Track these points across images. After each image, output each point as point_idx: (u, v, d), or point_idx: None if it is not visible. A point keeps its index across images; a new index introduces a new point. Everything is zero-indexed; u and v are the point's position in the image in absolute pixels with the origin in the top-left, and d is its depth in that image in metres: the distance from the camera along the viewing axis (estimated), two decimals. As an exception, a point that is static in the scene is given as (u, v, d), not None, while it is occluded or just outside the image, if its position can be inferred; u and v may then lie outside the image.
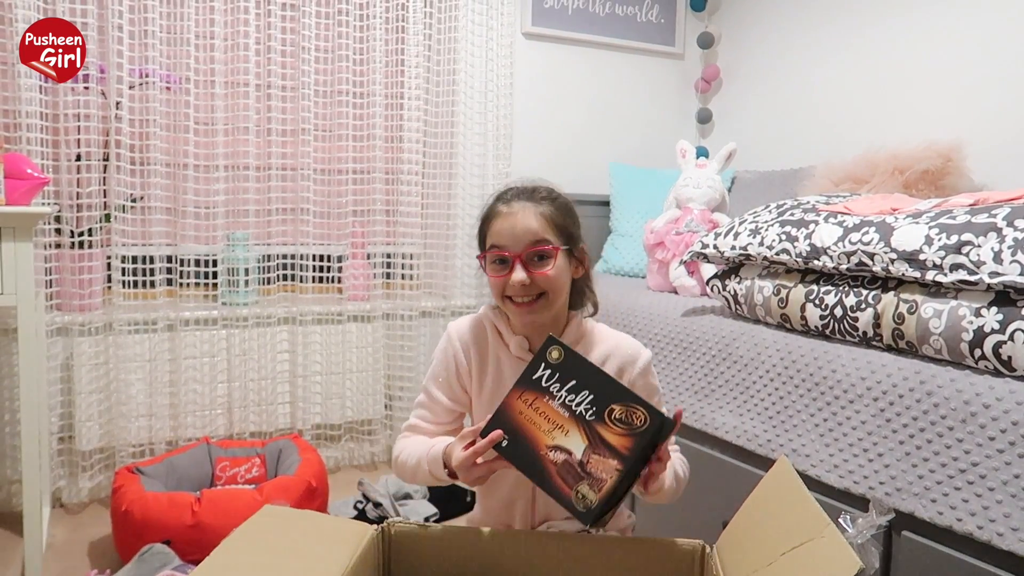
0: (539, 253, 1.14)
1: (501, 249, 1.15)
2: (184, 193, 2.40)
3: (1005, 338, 1.21)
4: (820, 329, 1.59)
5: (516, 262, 1.13)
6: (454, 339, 1.25)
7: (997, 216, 1.30)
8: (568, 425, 1.02)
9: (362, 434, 2.74)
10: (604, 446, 1.00)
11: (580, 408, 1.02)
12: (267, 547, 1.12)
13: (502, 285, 1.15)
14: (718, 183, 2.37)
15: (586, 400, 1.02)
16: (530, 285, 1.13)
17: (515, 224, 1.14)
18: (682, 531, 1.18)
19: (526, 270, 1.13)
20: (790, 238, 1.63)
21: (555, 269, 1.15)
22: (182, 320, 2.40)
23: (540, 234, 1.14)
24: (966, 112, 2.25)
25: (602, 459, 1.00)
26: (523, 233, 1.14)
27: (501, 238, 1.15)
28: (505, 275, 1.14)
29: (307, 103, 2.54)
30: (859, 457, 1.42)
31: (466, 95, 2.81)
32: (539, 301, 1.15)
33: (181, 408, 2.42)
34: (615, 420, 1.00)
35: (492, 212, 1.18)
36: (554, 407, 1.04)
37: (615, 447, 0.99)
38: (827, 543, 0.88)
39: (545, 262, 1.14)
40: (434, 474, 1.16)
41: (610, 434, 1.00)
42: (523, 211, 1.15)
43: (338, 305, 2.65)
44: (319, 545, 1.14)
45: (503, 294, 1.16)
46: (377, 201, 2.69)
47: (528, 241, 1.14)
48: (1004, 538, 1.17)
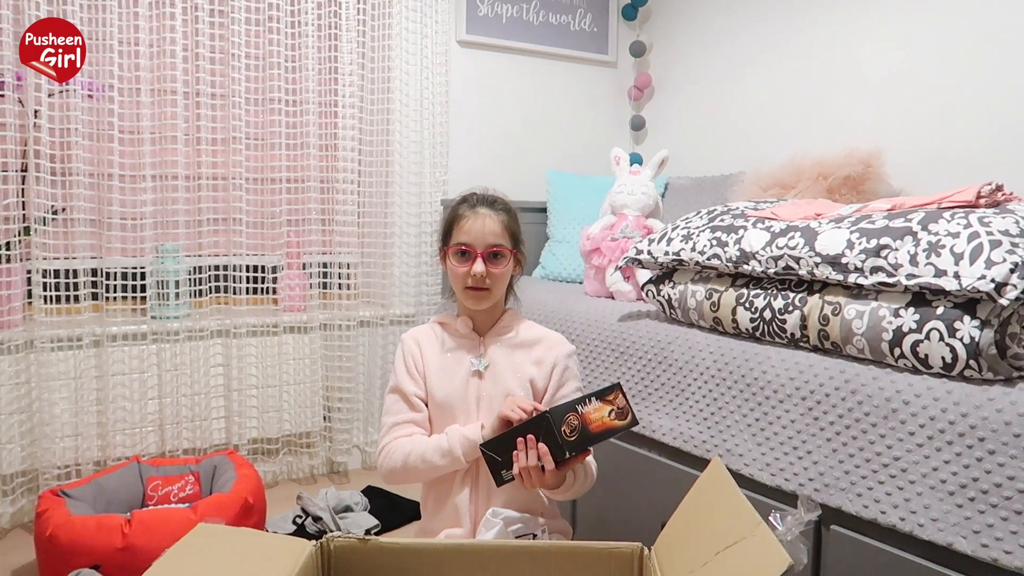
0: (496, 252, 1.40)
1: (468, 245, 1.39)
2: (109, 204, 2.33)
3: (922, 337, 1.27)
4: (751, 331, 1.63)
5: (478, 257, 1.38)
6: (410, 341, 1.48)
7: (912, 220, 1.36)
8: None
9: (300, 447, 2.70)
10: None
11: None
12: (201, 567, 1.09)
13: (464, 275, 1.39)
14: (652, 190, 2.41)
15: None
16: (484, 277, 1.38)
17: (481, 226, 1.39)
18: (622, 533, 1.21)
19: (485, 265, 1.38)
20: (720, 243, 1.68)
21: (505, 268, 1.42)
22: (109, 335, 2.32)
23: (499, 237, 1.40)
24: (885, 121, 2.35)
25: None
26: (487, 234, 1.39)
27: (468, 236, 1.39)
28: (467, 266, 1.39)
29: (238, 111, 2.49)
30: (789, 455, 1.47)
31: (401, 103, 2.80)
32: (485, 291, 1.41)
33: (109, 427, 2.33)
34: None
35: (459, 214, 1.42)
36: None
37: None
38: (758, 541, 0.91)
39: (499, 260, 1.40)
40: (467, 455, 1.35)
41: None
42: (488, 217, 1.40)
43: (274, 316, 2.60)
44: (256, 563, 1.11)
45: (463, 283, 1.40)
46: (312, 210, 2.66)
47: (489, 242, 1.39)
48: (925, 528, 1.22)
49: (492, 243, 1.39)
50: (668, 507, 1.15)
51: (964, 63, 2.15)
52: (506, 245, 1.41)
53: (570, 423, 1.22)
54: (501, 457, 1.25)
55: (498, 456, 1.25)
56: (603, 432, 1.25)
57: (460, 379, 1.43)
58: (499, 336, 1.46)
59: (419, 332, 1.50)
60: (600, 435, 1.25)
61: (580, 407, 1.23)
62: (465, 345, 1.46)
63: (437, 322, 1.50)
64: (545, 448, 1.21)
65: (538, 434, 1.21)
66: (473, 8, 2.99)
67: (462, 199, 1.46)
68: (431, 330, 1.50)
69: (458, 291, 1.44)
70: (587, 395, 1.26)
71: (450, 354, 1.45)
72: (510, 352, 1.45)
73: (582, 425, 1.23)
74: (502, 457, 1.25)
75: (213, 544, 1.16)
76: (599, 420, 1.25)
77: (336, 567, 1.19)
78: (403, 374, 1.45)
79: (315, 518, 2.16)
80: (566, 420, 1.21)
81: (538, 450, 1.20)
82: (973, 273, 1.20)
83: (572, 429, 1.21)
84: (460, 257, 1.40)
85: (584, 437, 1.23)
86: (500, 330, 1.47)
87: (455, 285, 1.44)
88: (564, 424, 1.21)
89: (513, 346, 1.46)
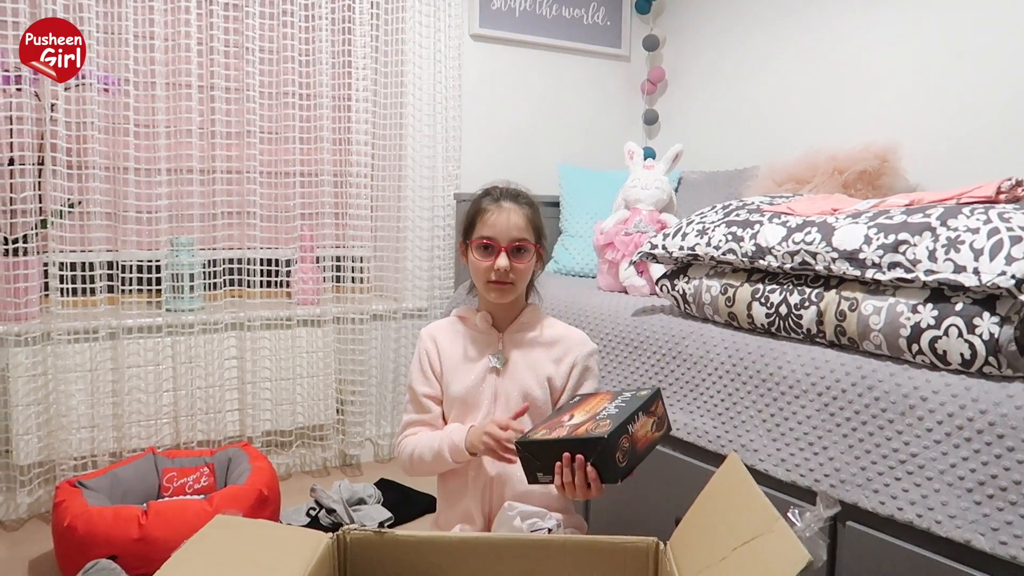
0: (520, 247, 1.38)
1: (491, 239, 1.37)
2: (125, 198, 2.34)
3: (940, 333, 1.27)
4: (766, 327, 1.63)
5: (502, 251, 1.36)
6: (426, 337, 1.47)
7: (931, 216, 1.35)
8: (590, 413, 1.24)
9: (314, 440, 2.71)
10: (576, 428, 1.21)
11: (607, 408, 1.23)
12: (219, 559, 1.09)
13: (488, 269, 1.37)
14: (665, 184, 2.41)
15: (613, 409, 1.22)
16: (508, 272, 1.36)
17: (506, 220, 1.37)
18: (636, 529, 1.20)
19: (509, 259, 1.36)
20: (736, 238, 1.67)
21: (529, 263, 1.40)
22: (124, 328, 2.34)
23: (523, 231, 1.38)
24: (901, 115, 2.34)
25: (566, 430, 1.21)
26: (511, 228, 1.37)
27: (492, 230, 1.37)
28: (491, 260, 1.37)
29: (252, 105, 2.49)
30: (805, 451, 1.46)
31: (415, 97, 2.80)
32: (509, 286, 1.38)
33: (125, 418, 2.35)
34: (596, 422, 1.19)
35: (482, 207, 1.40)
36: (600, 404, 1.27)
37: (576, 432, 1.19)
38: (776, 537, 0.91)
39: (523, 255, 1.39)
40: (454, 457, 1.34)
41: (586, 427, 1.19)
42: (512, 211, 1.38)
43: (287, 310, 2.61)
44: (273, 555, 1.12)
45: (486, 278, 1.38)
46: (326, 204, 2.66)
47: (514, 236, 1.37)
48: (942, 525, 1.22)
49: (516, 237, 1.37)
50: (682, 503, 1.15)
51: (980, 57, 2.12)
52: (530, 240, 1.39)
53: (623, 448, 1.15)
54: (540, 460, 1.20)
55: (537, 459, 1.20)
56: (647, 447, 1.21)
57: (477, 375, 1.42)
58: (519, 332, 1.45)
59: (437, 328, 1.49)
60: (645, 451, 1.20)
61: (631, 426, 1.17)
62: (484, 340, 1.45)
63: (457, 316, 1.49)
64: (595, 473, 1.14)
65: (589, 455, 1.14)
66: (486, 2, 2.98)
67: (485, 192, 1.44)
68: (450, 325, 1.49)
69: (480, 285, 1.42)
70: (635, 410, 1.19)
71: (468, 350, 1.44)
72: (529, 349, 1.44)
73: (631, 447, 1.17)
74: (541, 460, 1.20)
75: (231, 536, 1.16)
76: (644, 436, 1.20)
77: (352, 560, 1.20)
78: (416, 373, 1.46)
79: (328, 510, 2.17)
80: (619, 446, 1.14)
81: (587, 474, 1.15)
82: (993, 269, 1.19)
83: (624, 453, 1.15)
84: (483, 251, 1.38)
85: (633, 457, 1.17)
86: (520, 327, 1.45)
87: (477, 279, 1.42)
88: (618, 451, 1.14)
89: (533, 343, 1.44)
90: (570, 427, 1.20)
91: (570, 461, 1.15)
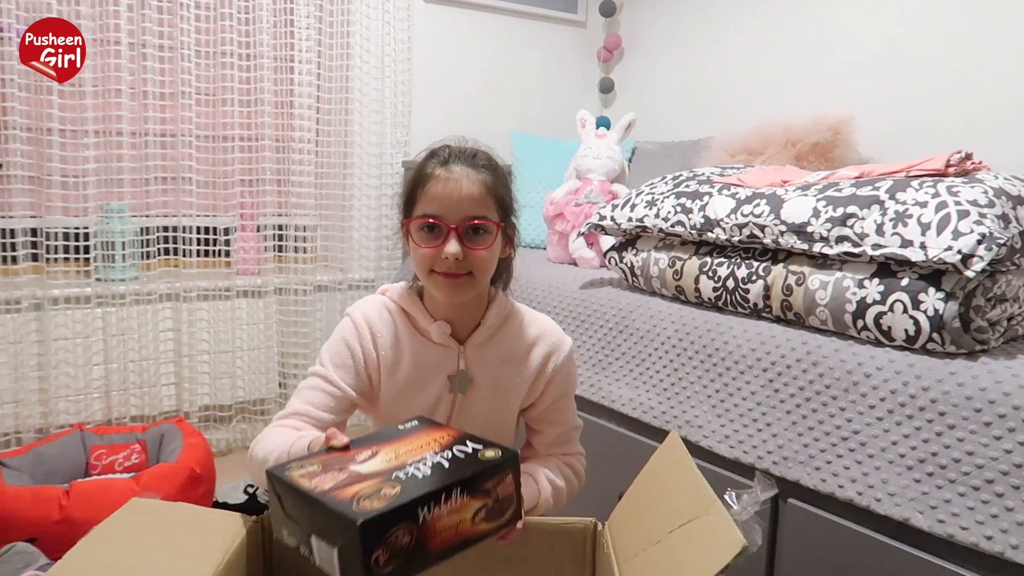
0: (477, 227, 1.03)
1: (436, 217, 1.02)
2: (49, 160, 2.20)
3: (885, 309, 1.24)
4: (713, 301, 1.60)
5: (451, 233, 1.01)
6: (362, 327, 1.11)
7: (880, 189, 1.32)
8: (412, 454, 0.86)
9: (255, 414, 2.63)
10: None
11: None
12: (130, 546, 1.03)
13: (432, 257, 1.03)
14: (618, 154, 2.36)
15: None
16: (462, 261, 1.02)
17: (454, 191, 1.02)
18: (582, 506, 1.17)
19: (461, 243, 1.02)
20: (685, 210, 1.63)
21: (491, 248, 1.05)
22: (50, 299, 2.21)
23: (480, 206, 1.03)
24: (856, 87, 2.31)
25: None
26: (463, 202, 1.02)
27: (437, 205, 1.02)
28: (437, 246, 1.02)
29: (187, 64, 2.36)
30: (748, 427, 1.44)
31: (361, 59, 2.69)
32: (465, 278, 1.04)
33: (52, 393, 2.24)
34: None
35: (426, 174, 1.05)
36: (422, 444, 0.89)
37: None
38: (713, 520, 0.87)
39: (481, 238, 1.03)
40: None
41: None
42: (465, 177, 1.03)
43: (226, 280, 2.51)
44: (190, 540, 1.06)
45: (430, 268, 1.04)
46: (267, 170, 2.55)
47: (467, 212, 1.02)
48: (882, 503, 1.20)
49: (471, 214, 1.02)
50: (627, 478, 1.11)
51: (935, 30, 2.10)
52: (490, 216, 1.04)
53: (391, 545, 0.73)
54: (287, 511, 0.84)
55: (283, 505, 0.85)
56: (460, 544, 0.80)
57: (429, 398, 1.12)
58: (484, 343, 1.12)
59: (375, 318, 1.12)
60: (455, 549, 0.80)
61: (426, 510, 0.76)
62: (440, 356, 1.11)
63: (399, 306, 1.13)
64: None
65: (334, 539, 0.74)
66: (437, -39, 2.87)
67: (430, 153, 1.08)
68: (392, 321, 1.12)
69: (424, 278, 1.07)
70: (448, 485, 0.78)
71: (419, 363, 1.11)
72: (496, 367, 1.13)
73: (416, 545, 0.75)
74: (288, 511, 0.84)
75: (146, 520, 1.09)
76: (457, 527, 0.79)
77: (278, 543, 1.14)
78: (341, 366, 1.10)
79: (268, 487, 2.10)
80: (384, 542, 0.73)
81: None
82: (940, 244, 1.17)
83: (393, 555, 0.73)
84: (427, 233, 1.03)
85: (417, 561, 0.76)
86: (486, 336, 1.12)
87: (420, 271, 1.07)
88: (380, 548, 0.72)
89: (501, 358, 1.13)
90: (347, 476, 0.80)
91: None
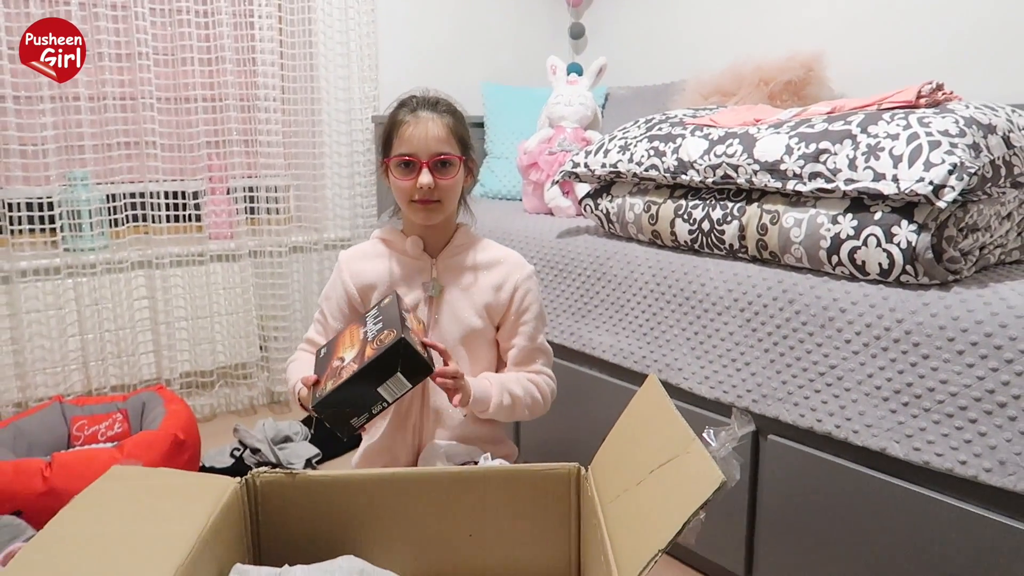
0: (444, 161, 1.26)
1: (410, 155, 1.25)
2: (5, 129, 2.13)
3: (859, 243, 1.25)
4: (689, 244, 1.59)
5: (423, 167, 1.25)
6: (343, 264, 1.37)
7: (852, 123, 1.31)
8: (356, 344, 1.14)
9: (237, 379, 2.62)
10: (360, 357, 1.10)
11: (367, 331, 1.15)
12: (114, 511, 1.03)
13: (409, 188, 1.26)
14: (590, 100, 2.32)
15: (374, 326, 1.14)
16: (434, 189, 1.25)
17: (423, 132, 1.25)
18: (566, 452, 1.18)
19: (432, 175, 1.25)
20: (658, 153, 1.61)
21: (455, 178, 1.28)
22: (18, 271, 2.17)
23: (445, 143, 1.26)
24: (827, 23, 2.28)
25: (353, 364, 1.09)
26: (431, 141, 1.25)
27: (410, 145, 1.25)
28: (412, 178, 1.25)
29: (142, 23, 2.28)
30: (728, 367, 1.45)
31: (324, 12, 2.61)
32: (435, 204, 1.28)
33: (28, 367, 2.21)
34: (376, 340, 1.10)
35: (398, 120, 1.28)
36: (358, 332, 1.17)
37: (364, 357, 1.09)
38: (692, 458, 0.88)
39: (448, 169, 1.27)
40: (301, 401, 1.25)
41: (368, 349, 1.10)
42: (431, 121, 1.26)
43: (199, 245, 2.47)
44: (174, 504, 1.06)
45: (409, 198, 1.27)
46: (233, 131, 2.49)
47: (434, 149, 1.25)
48: (859, 435, 1.23)
49: (437, 151, 1.25)
50: (610, 424, 1.12)
51: (907, -41, 2.07)
52: (453, 152, 1.27)
53: (415, 341, 1.10)
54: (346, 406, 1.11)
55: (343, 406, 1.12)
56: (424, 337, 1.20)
57: (411, 302, 1.32)
58: (452, 257, 1.35)
59: (360, 253, 1.38)
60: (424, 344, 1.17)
61: (406, 325, 1.12)
62: (414, 267, 1.34)
63: (380, 239, 1.38)
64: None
65: (392, 367, 1.08)
66: (398, -94, 2.78)
67: (400, 103, 1.31)
68: (372, 249, 1.37)
69: (404, 207, 1.31)
70: (399, 312, 1.14)
71: (397, 278, 1.34)
72: (464, 275, 1.34)
73: (419, 342, 1.13)
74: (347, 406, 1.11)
75: (128, 487, 1.09)
76: (419, 328, 1.19)
77: (264, 504, 1.14)
78: (329, 300, 1.38)
79: (253, 450, 2.11)
80: (413, 341, 1.09)
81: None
82: (911, 176, 1.17)
83: (419, 346, 1.11)
84: (403, 169, 1.27)
85: (424, 350, 1.13)
86: (454, 251, 1.35)
87: (400, 200, 1.31)
88: (416, 344, 1.10)
89: (468, 269, 1.34)
90: (352, 362, 1.11)
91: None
